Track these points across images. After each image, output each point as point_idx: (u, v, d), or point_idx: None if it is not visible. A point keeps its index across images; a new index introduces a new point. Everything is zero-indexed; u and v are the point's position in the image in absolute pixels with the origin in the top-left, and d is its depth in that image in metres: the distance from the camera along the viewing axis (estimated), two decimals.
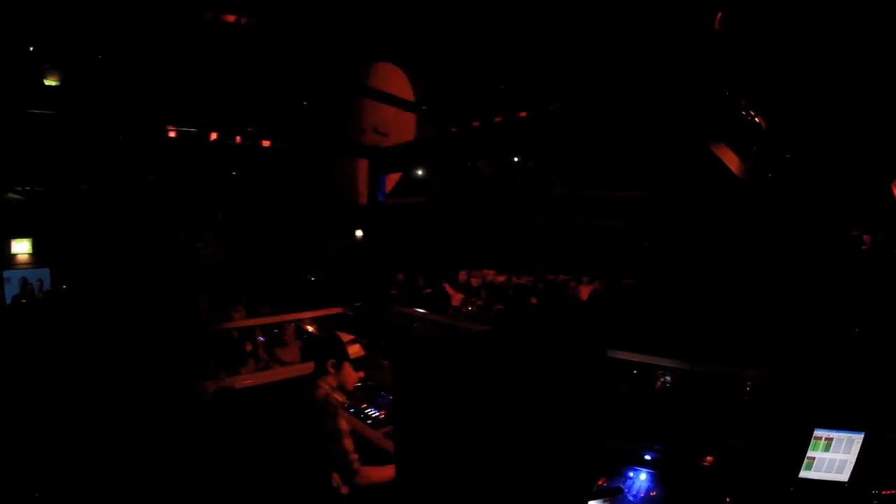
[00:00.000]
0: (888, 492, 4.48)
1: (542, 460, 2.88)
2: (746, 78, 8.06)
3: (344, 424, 5.07)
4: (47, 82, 11.42)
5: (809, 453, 4.56)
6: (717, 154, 8.60)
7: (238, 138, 16.33)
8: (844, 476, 4.51)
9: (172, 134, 16.49)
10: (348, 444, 5.05)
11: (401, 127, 12.53)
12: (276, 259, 16.81)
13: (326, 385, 5.26)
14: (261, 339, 8.90)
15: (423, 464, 3.10)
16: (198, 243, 17.03)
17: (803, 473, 4.57)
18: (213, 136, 16.18)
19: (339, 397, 5.32)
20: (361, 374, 5.61)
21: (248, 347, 8.51)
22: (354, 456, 5.10)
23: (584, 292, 11.42)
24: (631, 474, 5.05)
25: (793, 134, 8.77)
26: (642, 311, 10.16)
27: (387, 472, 5.23)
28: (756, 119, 8.41)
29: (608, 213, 13.34)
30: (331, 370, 5.33)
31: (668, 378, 6.93)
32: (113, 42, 10.24)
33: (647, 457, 5.22)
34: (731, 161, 8.74)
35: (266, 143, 16.53)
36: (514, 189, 14.79)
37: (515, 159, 15.09)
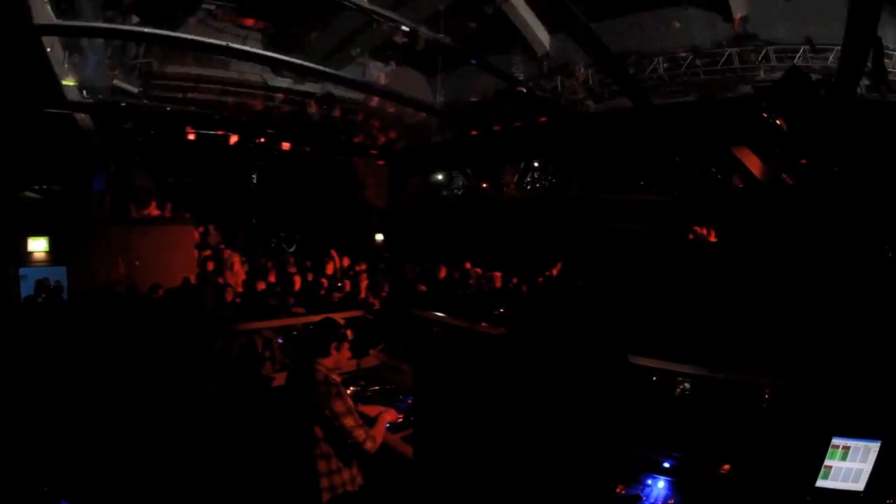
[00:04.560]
0: None
1: (562, 466, 2.96)
2: (768, 81, 8.09)
3: (341, 406, 5.19)
4: (65, 83, 11.51)
5: (826, 462, 4.59)
6: (740, 157, 8.63)
7: (259, 140, 16.34)
8: (860, 485, 4.54)
9: (192, 136, 16.57)
10: (349, 421, 5.21)
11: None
12: (300, 262, 16.88)
13: (323, 367, 5.42)
14: (279, 340, 8.96)
15: (442, 467, 3.19)
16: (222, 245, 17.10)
17: (820, 482, 4.60)
18: (234, 138, 16.21)
19: (336, 377, 5.47)
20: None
21: (266, 354, 8.58)
22: (360, 432, 5.25)
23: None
24: (649, 482, 5.10)
25: (815, 139, 8.77)
26: (662, 317, 10.15)
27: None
28: (777, 122, 8.42)
29: (629, 217, 13.26)
30: (333, 352, 5.51)
31: (687, 385, 6.97)
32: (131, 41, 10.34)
33: (666, 464, 5.27)
34: (753, 164, 8.77)
35: (286, 146, 16.51)
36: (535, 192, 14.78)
37: (536, 164, 15.08)
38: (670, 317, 9.94)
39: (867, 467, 4.53)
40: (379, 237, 15.52)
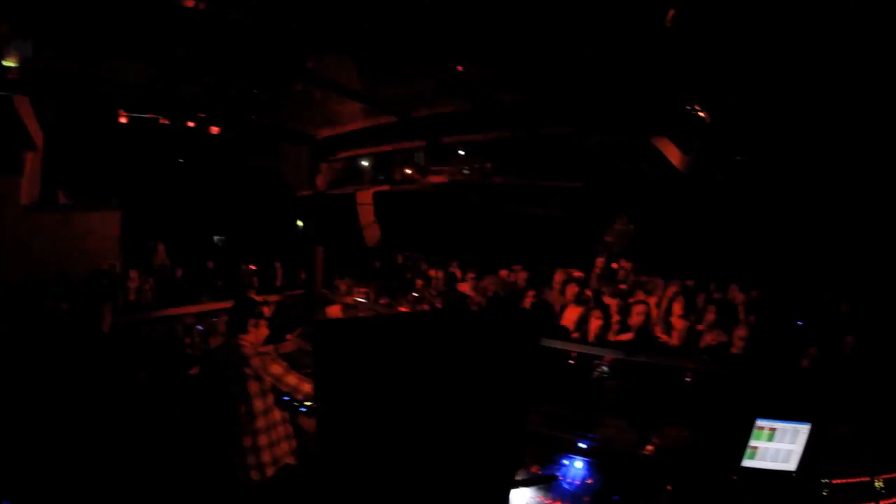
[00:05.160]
0: (839, 480, 4.36)
1: (466, 443, 2.83)
2: (696, 74, 7.94)
3: (279, 368, 5.09)
4: (5, 63, 10.82)
5: (752, 443, 4.39)
6: (659, 147, 8.48)
7: (190, 123, 15.80)
8: (791, 465, 4.35)
9: (123, 119, 15.88)
10: (292, 379, 5.09)
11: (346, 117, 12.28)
12: (220, 248, 16.53)
13: (248, 342, 5.23)
14: (199, 327, 8.63)
15: (345, 447, 2.89)
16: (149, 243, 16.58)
17: (747, 462, 4.40)
18: (163, 122, 15.55)
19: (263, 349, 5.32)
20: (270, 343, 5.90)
21: (187, 340, 8.31)
22: (306, 385, 5.11)
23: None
24: (566, 462, 4.85)
25: (741, 130, 8.70)
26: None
27: None
28: (700, 114, 8.30)
29: (544, 203, 13.22)
30: (251, 329, 5.31)
31: (605, 368, 6.80)
32: (69, 22, 9.74)
33: (582, 445, 5.05)
34: (673, 154, 8.62)
35: (215, 130, 15.99)
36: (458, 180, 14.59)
37: (461, 152, 14.91)
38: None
39: (797, 448, 4.35)
40: (299, 223, 15.11)
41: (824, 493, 4.32)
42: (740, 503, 4.41)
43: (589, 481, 4.65)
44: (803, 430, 4.35)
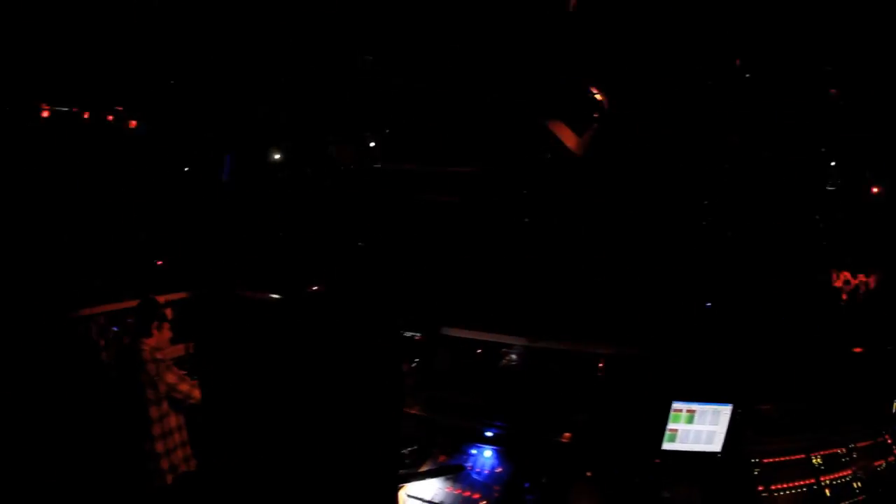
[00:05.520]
0: (770, 459, 4.20)
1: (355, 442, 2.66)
2: (597, 58, 7.74)
3: (173, 377, 4.96)
4: None
5: (671, 425, 4.20)
6: (554, 131, 8.29)
7: (109, 117, 15.07)
8: (716, 446, 4.18)
9: (46, 114, 15.08)
10: (185, 387, 5.03)
11: None
12: (129, 242, 15.77)
13: (147, 346, 5.00)
14: (115, 328, 8.04)
15: (228, 440, 2.97)
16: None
17: (667, 445, 4.19)
18: (86, 115, 14.83)
19: (160, 355, 5.08)
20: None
21: (102, 342, 7.76)
22: (198, 392, 5.05)
23: None
24: (474, 451, 4.65)
25: (639, 114, 8.54)
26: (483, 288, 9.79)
27: None
28: (597, 97, 8.16)
29: (441, 189, 13.03)
30: (154, 332, 5.13)
31: (513, 356, 6.54)
32: None
33: (489, 433, 4.86)
34: (568, 138, 8.43)
35: (133, 124, 15.34)
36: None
37: (372, 144, 14.68)
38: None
39: (720, 429, 4.19)
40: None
41: (755, 473, 4.14)
42: (665, 486, 4.18)
43: (498, 470, 4.44)
44: (725, 410, 4.19)
